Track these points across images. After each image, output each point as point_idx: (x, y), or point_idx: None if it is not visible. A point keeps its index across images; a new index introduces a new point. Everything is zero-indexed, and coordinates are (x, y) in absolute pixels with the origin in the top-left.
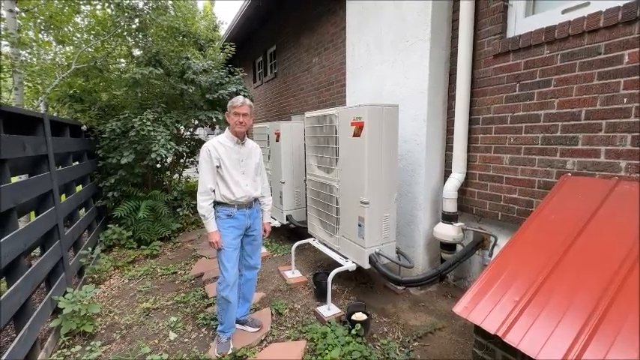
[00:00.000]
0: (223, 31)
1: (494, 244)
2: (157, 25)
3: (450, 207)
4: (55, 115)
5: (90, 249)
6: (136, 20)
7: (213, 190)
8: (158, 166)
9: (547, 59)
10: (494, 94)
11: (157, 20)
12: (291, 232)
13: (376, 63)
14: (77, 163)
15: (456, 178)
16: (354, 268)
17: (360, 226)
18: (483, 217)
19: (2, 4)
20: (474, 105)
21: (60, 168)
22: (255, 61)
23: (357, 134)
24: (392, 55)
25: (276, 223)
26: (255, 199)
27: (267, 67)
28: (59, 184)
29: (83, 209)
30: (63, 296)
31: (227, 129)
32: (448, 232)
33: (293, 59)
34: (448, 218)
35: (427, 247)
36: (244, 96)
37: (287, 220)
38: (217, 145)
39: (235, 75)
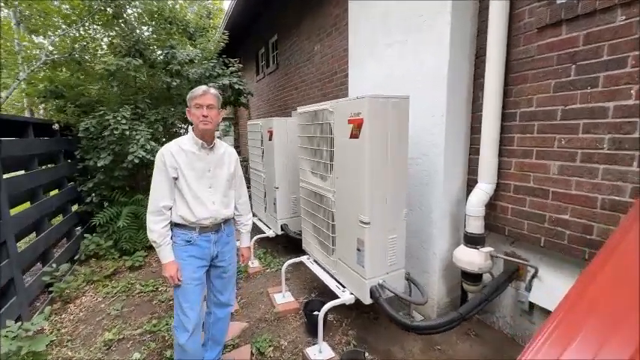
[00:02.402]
0: (219, 21)
1: (534, 276)
2: (135, 8)
3: (475, 227)
4: (40, 112)
5: (54, 265)
6: (113, 5)
7: (170, 209)
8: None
9: (621, 29)
10: (539, 80)
11: (133, 3)
12: (288, 242)
13: (383, 45)
14: (53, 164)
15: (483, 189)
16: (353, 301)
17: (359, 250)
18: (518, 241)
19: None
20: (508, 95)
21: (14, 174)
22: (257, 52)
23: (354, 135)
24: (402, 35)
25: (271, 233)
26: (226, 220)
27: (270, 58)
28: (11, 193)
29: (60, 216)
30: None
31: (190, 129)
32: (472, 258)
33: (294, 48)
34: (473, 241)
35: (444, 273)
36: (237, 89)
37: (282, 229)
38: (176, 151)
39: (230, 66)
